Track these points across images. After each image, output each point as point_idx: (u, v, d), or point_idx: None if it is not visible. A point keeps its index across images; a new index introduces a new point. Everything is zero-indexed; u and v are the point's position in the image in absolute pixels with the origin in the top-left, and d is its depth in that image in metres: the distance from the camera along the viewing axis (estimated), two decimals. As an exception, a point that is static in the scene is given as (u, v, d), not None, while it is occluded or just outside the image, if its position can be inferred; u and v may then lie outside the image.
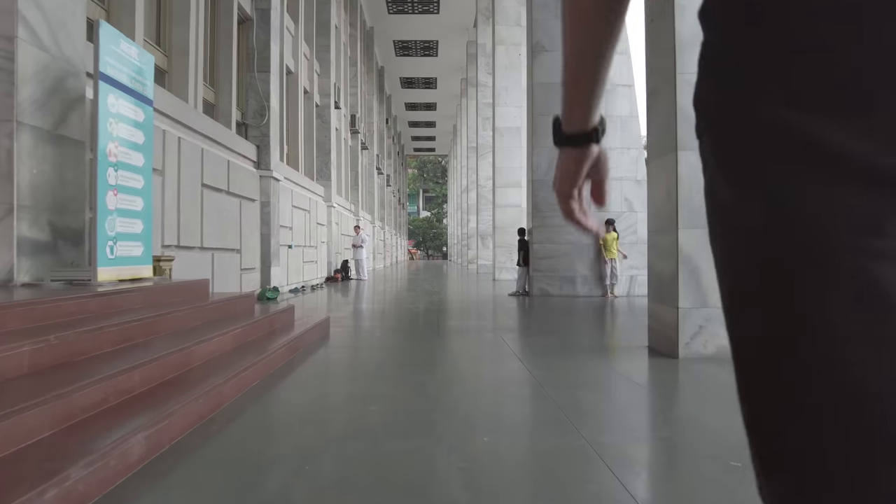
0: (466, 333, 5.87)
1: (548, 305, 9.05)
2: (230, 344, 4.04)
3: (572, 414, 2.92)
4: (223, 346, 3.84)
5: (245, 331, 4.43)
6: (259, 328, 4.77)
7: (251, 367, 3.58)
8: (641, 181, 10.76)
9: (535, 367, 4.10)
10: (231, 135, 8.91)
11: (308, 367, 4.24)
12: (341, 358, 4.66)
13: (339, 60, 18.78)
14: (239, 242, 8.97)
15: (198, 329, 3.97)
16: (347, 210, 19.47)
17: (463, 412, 3.02)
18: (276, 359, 4.12)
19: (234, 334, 4.20)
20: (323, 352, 4.81)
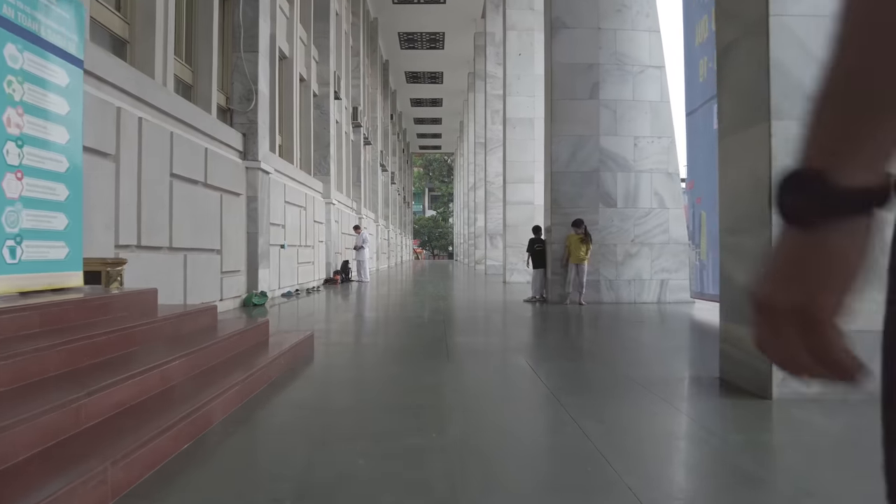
0: (481, 356, 4.76)
1: (570, 315, 7.93)
2: (168, 380, 2.95)
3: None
4: (148, 388, 2.75)
5: (194, 359, 3.35)
6: (217, 353, 3.69)
7: (183, 421, 2.49)
8: (674, 174, 9.62)
9: (582, 414, 2.99)
10: (210, 119, 7.84)
11: (269, 416, 3.14)
12: (317, 400, 3.54)
13: (340, 49, 17.71)
14: (219, 242, 7.90)
15: (118, 362, 2.88)
16: (348, 208, 18.40)
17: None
18: (228, 402, 3.02)
19: (177, 365, 3.12)
20: (295, 389, 3.71)
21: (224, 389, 3.05)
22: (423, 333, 6.08)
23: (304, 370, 4.12)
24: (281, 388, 3.62)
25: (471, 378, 3.89)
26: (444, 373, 4.03)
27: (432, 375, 3.92)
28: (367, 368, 4.26)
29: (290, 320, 7.61)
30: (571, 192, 9.37)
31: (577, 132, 9.39)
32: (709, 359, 4.06)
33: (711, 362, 3.92)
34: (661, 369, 4.34)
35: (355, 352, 4.99)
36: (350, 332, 6.31)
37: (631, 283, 9.42)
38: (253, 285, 9.16)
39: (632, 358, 4.87)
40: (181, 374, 3.15)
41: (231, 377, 3.27)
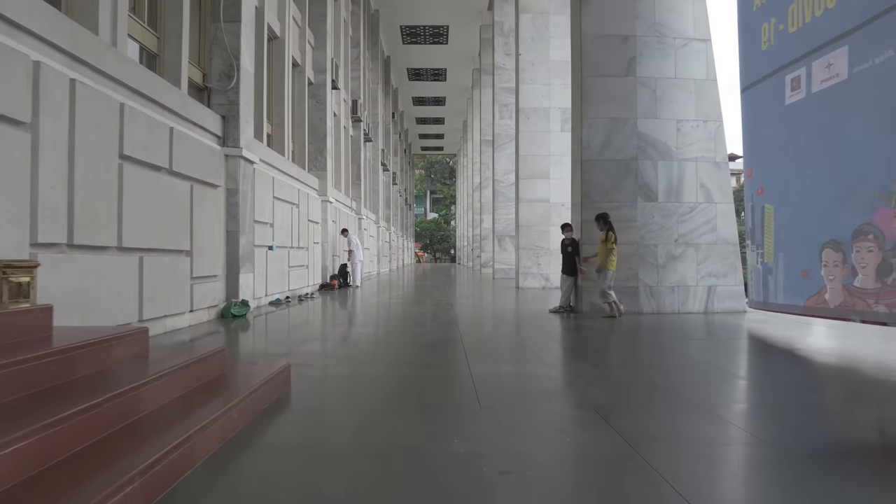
0: (524, 400, 3.28)
1: (617, 331, 6.60)
2: (29, 465, 1.65)
3: None
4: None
5: (85, 423, 2.03)
6: (129, 408, 2.37)
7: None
8: (722, 163, 8.30)
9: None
10: (179, 95, 6.54)
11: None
12: (282, 498, 2.22)
13: (339, 36, 16.44)
14: (189, 241, 6.59)
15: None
16: (347, 207, 17.08)
17: None
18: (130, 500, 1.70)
19: (51, 437, 1.80)
20: (246, 470, 2.37)
21: (121, 484, 1.73)
22: (437, 360, 4.74)
23: (267, 429, 2.79)
24: (224, 467, 2.29)
25: (524, 447, 2.53)
26: (480, 435, 2.69)
27: (463, 440, 2.58)
28: (364, 427, 2.86)
29: (272, 336, 6.29)
30: (605, 184, 8.05)
31: (612, 114, 8.08)
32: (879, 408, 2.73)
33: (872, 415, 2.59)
34: (822, 427, 2.97)
35: (348, 391, 3.65)
36: (343, 357, 4.97)
37: (674, 290, 8.09)
38: (233, 292, 7.84)
39: (755, 403, 3.53)
40: (54, 451, 1.84)
41: (141, 454, 1.95)
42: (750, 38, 7.15)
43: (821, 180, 5.62)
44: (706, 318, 7.55)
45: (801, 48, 5.93)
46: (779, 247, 6.64)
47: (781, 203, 6.51)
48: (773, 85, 6.57)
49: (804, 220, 5.97)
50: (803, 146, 5.93)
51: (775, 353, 5.21)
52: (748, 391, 3.68)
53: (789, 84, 6.19)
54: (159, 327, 5.93)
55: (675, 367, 4.47)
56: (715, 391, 3.63)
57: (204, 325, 6.83)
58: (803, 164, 5.94)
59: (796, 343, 5.71)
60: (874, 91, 4.88)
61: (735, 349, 5.50)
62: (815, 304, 5.82)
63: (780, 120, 6.39)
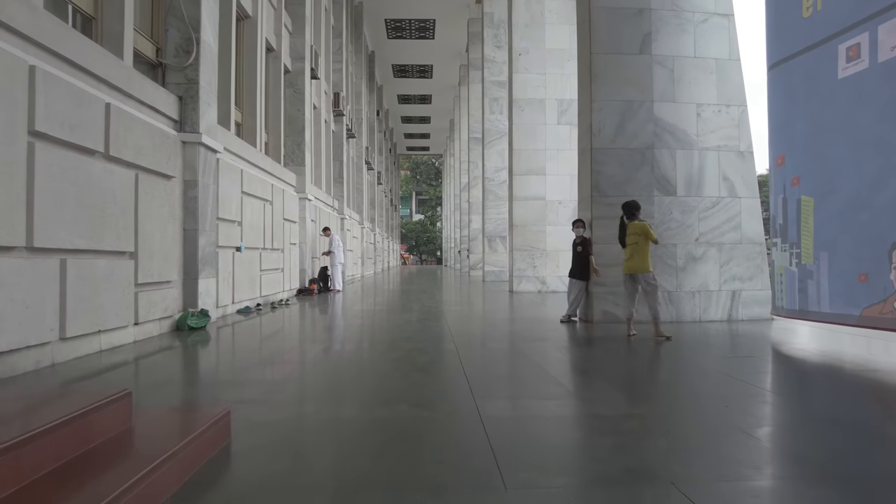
0: (573, 478, 2.16)
1: (639, 348, 5.65)
2: None
3: None
4: None
5: None
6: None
7: None
8: (746, 153, 7.40)
9: None
10: (119, 65, 5.46)
11: None
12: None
13: (319, 23, 15.38)
14: (133, 241, 5.51)
15: None
16: (328, 206, 16.00)
17: None
18: None
19: None
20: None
21: None
22: (431, 392, 3.72)
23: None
24: None
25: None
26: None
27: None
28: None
29: (227, 356, 5.24)
30: (618, 175, 7.10)
31: (625, 96, 7.14)
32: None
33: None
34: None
35: (310, 448, 2.62)
36: (310, 389, 3.94)
37: (695, 295, 7.16)
38: (191, 301, 6.77)
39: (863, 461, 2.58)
40: None
41: None
42: (786, 5, 6.24)
43: (893, 165, 4.71)
44: (732, 328, 6.63)
45: (862, 10, 5.03)
46: (822, 245, 5.73)
47: (827, 194, 5.60)
48: (818, 57, 5.66)
49: (864, 213, 5.06)
50: (866, 126, 5.02)
51: (852, 383, 4.27)
52: (843, 438, 2.73)
53: (844, 54, 5.28)
54: (91, 346, 4.86)
55: (740, 400, 3.51)
56: (818, 441, 2.68)
57: (153, 340, 5.76)
58: (865, 148, 5.03)
59: (876, 367, 4.79)
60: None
61: (794, 370, 4.57)
62: (880, 314, 4.91)
63: (830, 97, 5.48)
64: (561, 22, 13.19)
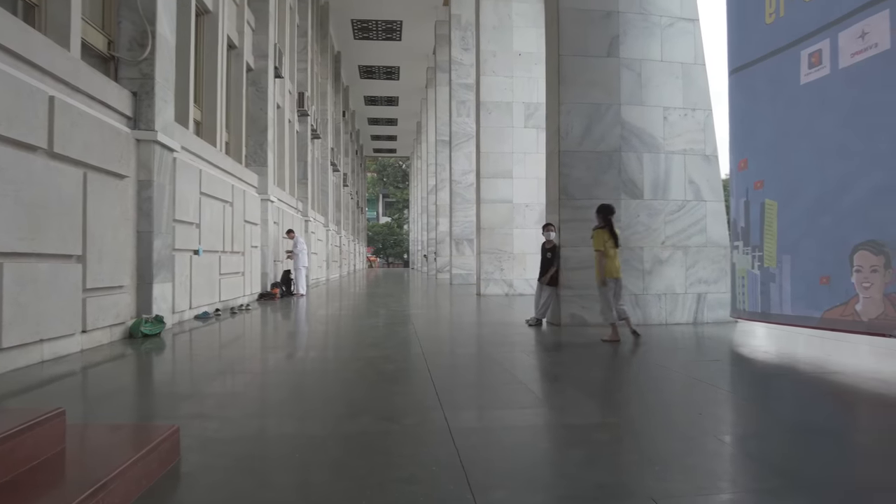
0: (549, 496, 2.00)
1: (609, 351, 5.60)
2: None
3: None
4: None
5: None
6: None
7: None
8: (711, 157, 7.48)
9: None
10: (67, 58, 5.15)
11: None
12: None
13: (284, 21, 15.04)
14: (81, 244, 5.19)
15: None
16: (292, 208, 15.65)
17: None
18: None
19: None
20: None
21: None
22: (398, 404, 3.56)
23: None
24: None
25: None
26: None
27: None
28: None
29: (183, 365, 4.97)
30: (586, 178, 7.08)
31: (593, 99, 7.12)
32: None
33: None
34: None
35: (269, 467, 2.44)
36: (269, 402, 3.74)
37: (661, 298, 7.19)
38: (145, 306, 6.45)
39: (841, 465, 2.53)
40: None
41: None
42: (748, 11, 6.32)
43: (854, 170, 4.77)
44: (698, 331, 6.67)
45: (823, 17, 5.10)
46: (785, 249, 5.79)
47: (791, 198, 5.66)
48: (781, 63, 5.73)
49: (826, 217, 5.12)
50: (828, 131, 5.08)
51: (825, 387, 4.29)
52: (836, 452, 2.69)
53: (806, 60, 5.35)
54: (31, 356, 4.53)
55: (712, 406, 3.46)
56: (791, 450, 2.63)
57: (103, 349, 5.44)
58: (827, 153, 5.09)
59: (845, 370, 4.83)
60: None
61: (761, 374, 4.57)
62: (840, 316, 4.97)
63: (793, 102, 5.54)
64: (528, 25, 13.20)
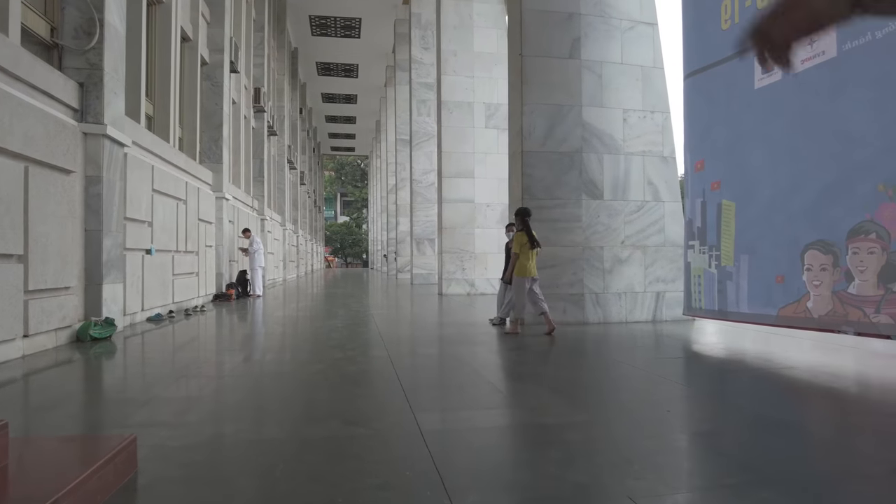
0: (524, 495, 1.96)
1: (564, 346, 5.65)
2: None
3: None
4: None
5: None
6: None
7: None
8: (669, 159, 7.65)
9: None
10: (5, 44, 4.84)
11: None
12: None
13: (240, 14, 14.65)
14: (21, 243, 4.89)
15: None
16: (248, 206, 15.26)
17: None
18: None
19: None
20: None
21: None
22: (365, 406, 3.48)
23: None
24: None
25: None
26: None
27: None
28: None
29: (136, 369, 4.74)
30: (548, 179, 7.13)
31: (555, 100, 7.19)
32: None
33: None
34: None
35: (231, 474, 2.34)
36: (228, 406, 3.60)
37: (621, 296, 7.32)
38: (95, 308, 6.14)
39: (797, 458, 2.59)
40: None
41: None
42: (703, 16, 6.49)
43: (804, 172, 4.95)
44: (658, 329, 6.81)
45: (777, 24, 5.28)
46: (742, 249, 5.97)
47: (747, 199, 5.84)
48: (735, 68, 5.91)
49: (780, 217, 5.30)
50: (780, 135, 5.26)
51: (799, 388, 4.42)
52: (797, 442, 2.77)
53: (758, 66, 5.52)
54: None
55: (678, 403, 3.52)
56: (758, 444, 2.69)
57: (48, 353, 5.14)
58: (780, 155, 5.27)
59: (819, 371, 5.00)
60: (880, 69, 4.23)
61: (722, 370, 4.69)
62: (794, 313, 5.16)
63: (747, 106, 5.72)
64: (489, 26, 13.26)
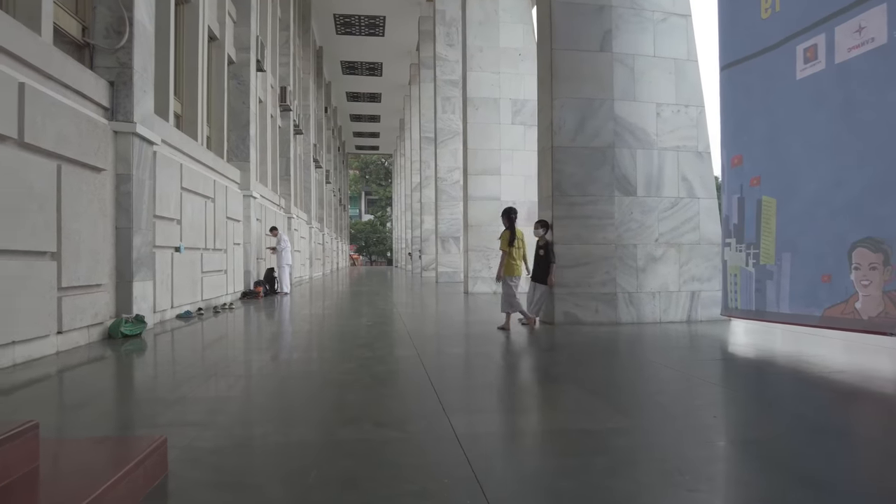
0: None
1: (617, 349, 5.49)
2: None
3: None
4: None
5: None
6: None
7: None
8: (704, 154, 7.42)
9: None
10: (38, 43, 4.88)
11: None
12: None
13: (266, 13, 14.72)
14: (55, 240, 4.93)
15: None
16: (275, 204, 15.35)
17: None
18: None
19: None
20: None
21: None
22: (395, 408, 3.40)
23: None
24: None
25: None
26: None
27: None
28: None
29: (166, 367, 4.73)
30: (579, 175, 6.97)
31: (586, 94, 7.01)
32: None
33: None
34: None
35: (265, 479, 2.27)
36: (258, 406, 3.55)
37: (655, 296, 7.11)
38: (125, 306, 6.18)
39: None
40: None
41: None
42: (741, 5, 6.25)
43: (851, 166, 4.72)
44: (693, 329, 6.60)
45: (819, 11, 5.03)
46: (784, 246, 5.73)
47: (789, 194, 5.60)
48: (776, 58, 5.67)
49: (824, 213, 5.06)
50: (824, 127, 5.02)
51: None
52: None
53: (801, 55, 5.29)
54: (1, 359, 4.27)
55: (724, 408, 3.36)
56: (818, 455, 2.52)
57: (80, 350, 5.18)
58: (824, 149, 5.03)
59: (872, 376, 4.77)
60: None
61: (764, 372, 4.49)
62: (841, 314, 4.92)
63: (788, 98, 5.48)
64: (515, 21, 13.08)
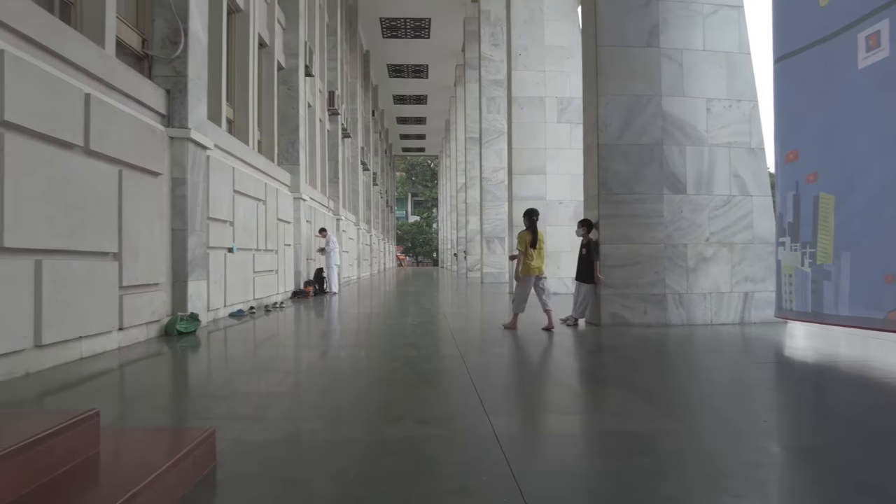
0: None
1: (665, 351, 5.36)
2: None
3: None
4: None
5: None
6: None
7: None
8: (757, 150, 7.14)
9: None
10: (102, 55, 5.15)
11: None
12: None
13: (313, 19, 15.06)
14: (117, 241, 5.19)
15: None
16: (324, 206, 15.68)
17: None
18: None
19: None
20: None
21: None
22: (437, 406, 3.42)
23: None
24: None
25: None
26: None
27: None
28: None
29: (219, 364, 4.92)
30: (626, 173, 6.83)
31: (632, 91, 6.87)
32: None
33: None
34: None
35: (312, 475, 2.32)
36: (306, 403, 3.64)
37: (706, 297, 6.90)
38: (181, 304, 6.45)
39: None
40: None
41: None
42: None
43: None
44: (747, 332, 6.36)
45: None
46: (843, 245, 5.45)
47: (848, 191, 5.33)
48: (836, 47, 5.40)
49: (889, 211, 4.79)
50: (889, 118, 4.75)
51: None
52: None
53: (863, 43, 5.03)
54: (70, 353, 4.53)
55: (775, 413, 3.23)
56: (877, 465, 2.40)
57: (139, 346, 5.44)
58: (889, 140, 4.77)
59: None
60: None
61: (822, 377, 4.30)
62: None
63: (849, 89, 5.21)
64: (560, 18, 12.94)
